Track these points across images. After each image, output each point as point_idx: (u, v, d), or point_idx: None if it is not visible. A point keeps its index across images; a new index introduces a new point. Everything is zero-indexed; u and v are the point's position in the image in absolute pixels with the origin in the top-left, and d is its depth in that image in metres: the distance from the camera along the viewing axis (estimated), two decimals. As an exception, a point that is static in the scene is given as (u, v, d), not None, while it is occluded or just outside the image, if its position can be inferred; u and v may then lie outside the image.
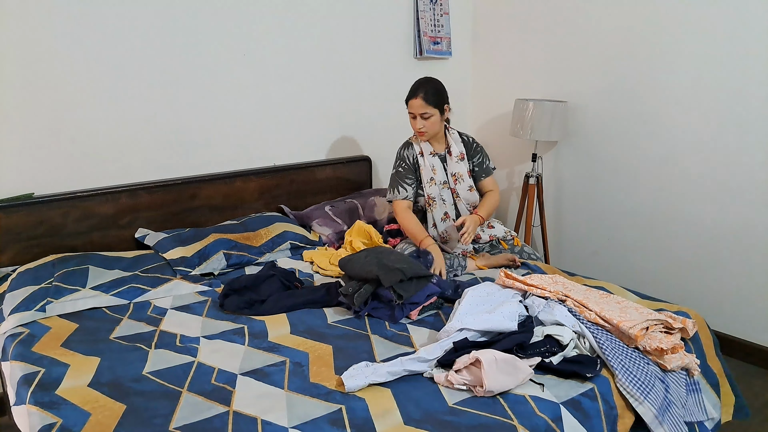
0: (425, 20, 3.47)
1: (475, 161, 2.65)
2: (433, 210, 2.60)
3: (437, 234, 2.59)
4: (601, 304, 1.91)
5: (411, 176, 2.61)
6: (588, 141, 3.26)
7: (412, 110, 2.50)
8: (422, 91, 2.47)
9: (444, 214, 2.59)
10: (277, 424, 1.44)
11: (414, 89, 2.50)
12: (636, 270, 3.13)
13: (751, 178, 2.65)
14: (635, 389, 1.62)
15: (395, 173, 2.63)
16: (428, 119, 2.50)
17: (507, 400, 1.53)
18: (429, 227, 2.61)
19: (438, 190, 2.58)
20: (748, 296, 2.74)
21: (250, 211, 2.96)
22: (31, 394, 1.57)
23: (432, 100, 2.47)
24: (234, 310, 2.08)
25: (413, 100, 2.49)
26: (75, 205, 2.51)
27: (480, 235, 2.62)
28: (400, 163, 2.63)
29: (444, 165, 2.62)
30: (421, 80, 2.54)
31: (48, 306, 2.04)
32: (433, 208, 2.59)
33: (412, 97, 2.49)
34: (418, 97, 2.47)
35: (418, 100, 2.47)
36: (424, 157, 2.59)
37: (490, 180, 2.68)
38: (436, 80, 2.54)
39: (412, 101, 2.49)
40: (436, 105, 2.49)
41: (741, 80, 2.61)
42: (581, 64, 3.20)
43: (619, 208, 3.17)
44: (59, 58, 2.42)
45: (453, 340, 1.73)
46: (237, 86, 2.90)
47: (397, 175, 2.62)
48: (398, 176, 2.62)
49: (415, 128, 2.53)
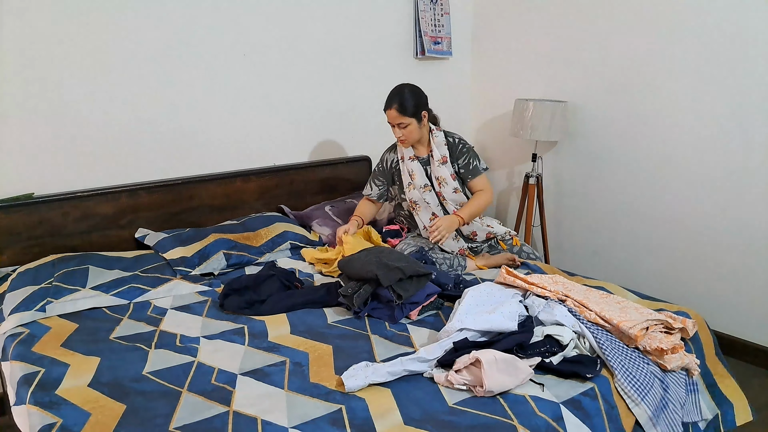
0: (425, 20, 3.47)
1: (461, 163, 2.63)
2: (419, 213, 2.61)
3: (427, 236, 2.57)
4: (601, 304, 1.91)
5: (382, 178, 2.72)
6: (588, 141, 3.26)
7: (389, 120, 2.53)
8: (396, 101, 2.48)
9: (432, 215, 2.59)
10: (277, 424, 1.44)
11: (389, 100, 2.52)
12: (636, 270, 3.13)
13: (751, 178, 2.65)
14: (633, 390, 1.63)
15: (373, 170, 2.79)
16: (405, 128, 2.52)
17: (507, 400, 1.53)
18: (421, 230, 2.63)
19: (419, 194, 2.60)
20: (748, 296, 2.74)
21: (250, 211, 2.96)
22: (31, 394, 1.57)
23: (407, 110, 2.49)
24: (234, 310, 2.08)
25: (388, 111, 2.51)
26: (75, 205, 2.51)
27: (476, 233, 2.62)
28: (378, 164, 2.77)
29: (426, 168, 2.63)
30: (395, 90, 2.54)
31: (48, 306, 2.04)
32: (418, 212, 2.61)
33: (387, 108, 2.51)
34: (393, 108, 2.49)
35: (393, 111, 2.49)
36: (404, 162, 2.62)
37: (478, 180, 2.65)
38: (411, 87, 2.54)
39: (387, 112, 2.51)
40: (412, 114, 2.50)
41: (741, 80, 2.61)
42: (581, 64, 3.20)
43: (619, 208, 3.17)
44: (59, 58, 2.43)
45: (453, 340, 1.73)
46: (237, 86, 2.90)
47: (372, 173, 2.78)
48: (373, 174, 2.77)
49: (396, 136, 2.56)
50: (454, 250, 2.56)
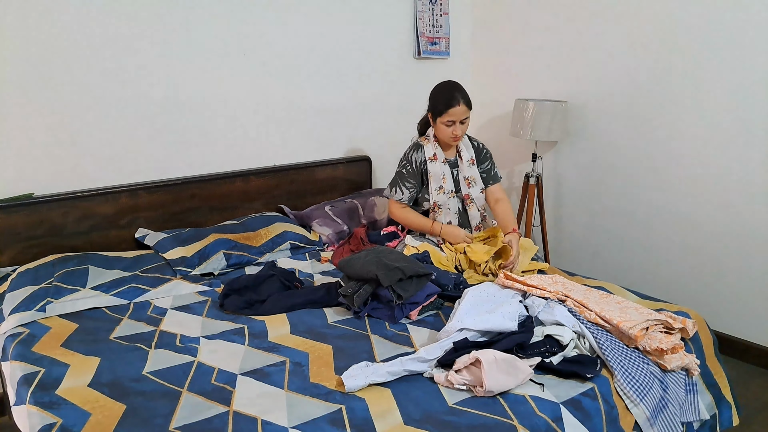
0: (423, 21, 3.47)
1: (483, 167, 2.63)
2: (437, 216, 2.57)
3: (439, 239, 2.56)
4: (601, 304, 1.91)
5: (413, 180, 2.55)
6: (588, 141, 3.26)
7: (454, 117, 2.42)
8: (462, 96, 2.42)
9: (448, 222, 2.57)
10: (277, 424, 1.44)
11: (451, 96, 2.41)
12: (636, 270, 3.13)
13: (751, 179, 2.65)
14: (632, 391, 1.63)
15: (399, 172, 2.58)
16: (464, 123, 2.47)
17: (507, 400, 1.53)
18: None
19: (445, 199, 2.54)
20: (748, 296, 2.74)
21: (250, 211, 2.96)
22: (31, 394, 1.57)
23: (470, 104, 2.44)
24: (234, 310, 2.08)
25: (457, 107, 2.40)
26: (75, 205, 2.51)
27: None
28: (406, 165, 2.57)
29: (453, 171, 2.59)
30: (451, 85, 2.47)
31: (48, 306, 2.04)
32: (438, 215, 2.57)
33: (455, 105, 2.40)
34: (462, 104, 2.41)
35: (464, 107, 2.41)
36: (436, 163, 2.54)
37: (497, 187, 2.64)
38: (460, 84, 2.50)
39: (454, 109, 2.40)
40: (470, 108, 2.46)
41: (741, 80, 2.61)
42: (581, 64, 3.20)
43: (619, 208, 3.17)
44: (59, 58, 2.43)
45: (453, 340, 1.73)
46: (237, 86, 2.90)
47: (399, 176, 2.58)
48: (400, 177, 2.57)
49: (454, 134, 2.45)
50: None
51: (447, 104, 2.42)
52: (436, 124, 2.50)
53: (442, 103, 2.43)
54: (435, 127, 2.52)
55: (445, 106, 2.42)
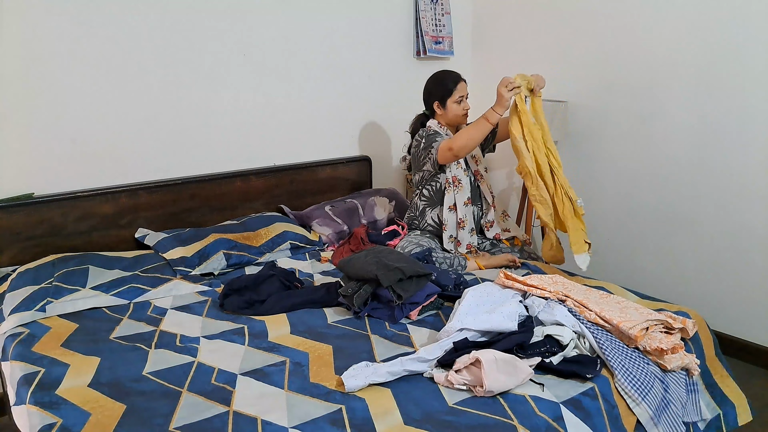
0: (426, 20, 3.47)
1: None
2: (457, 192, 2.58)
3: (456, 219, 2.56)
4: (601, 304, 1.91)
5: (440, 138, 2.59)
6: (588, 141, 3.25)
7: (463, 92, 2.60)
8: (458, 75, 2.61)
9: (467, 198, 2.60)
10: (277, 424, 1.44)
11: (453, 75, 2.61)
12: (636, 270, 3.13)
13: (751, 179, 2.65)
14: (633, 390, 1.63)
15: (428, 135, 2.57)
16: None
17: (507, 400, 1.53)
18: (445, 209, 2.57)
19: (462, 174, 2.60)
20: (748, 296, 2.74)
21: (250, 211, 2.96)
22: (31, 394, 1.57)
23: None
24: (234, 310, 2.08)
25: (462, 82, 2.60)
26: (75, 205, 2.51)
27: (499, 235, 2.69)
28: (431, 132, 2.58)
29: None
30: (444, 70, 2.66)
31: (48, 306, 2.04)
32: (458, 191, 2.58)
33: (460, 80, 2.60)
34: (462, 80, 2.60)
35: (464, 83, 2.61)
36: None
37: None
38: None
39: (461, 84, 2.59)
40: None
41: (741, 80, 2.61)
42: (581, 64, 3.20)
43: (619, 208, 3.17)
44: (59, 58, 2.43)
45: (453, 340, 1.73)
46: (237, 86, 2.90)
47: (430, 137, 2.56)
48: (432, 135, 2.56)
49: (466, 109, 2.62)
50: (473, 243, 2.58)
51: (454, 81, 2.59)
52: (446, 106, 2.60)
53: (450, 82, 2.59)
54: (446, 111, 2.61)
55: (453, 83, 2.59)
